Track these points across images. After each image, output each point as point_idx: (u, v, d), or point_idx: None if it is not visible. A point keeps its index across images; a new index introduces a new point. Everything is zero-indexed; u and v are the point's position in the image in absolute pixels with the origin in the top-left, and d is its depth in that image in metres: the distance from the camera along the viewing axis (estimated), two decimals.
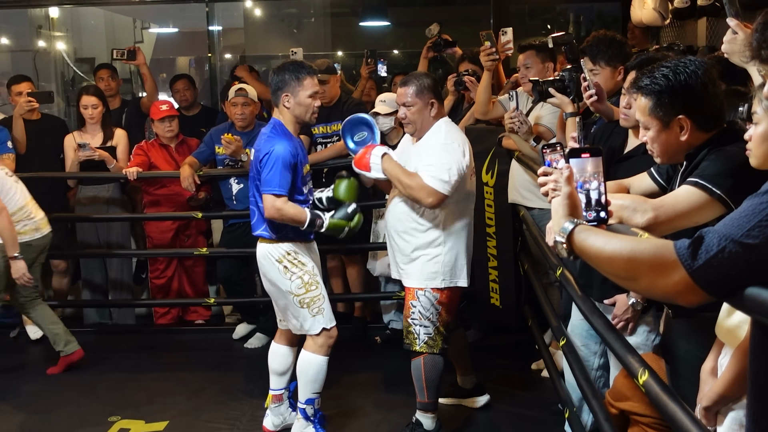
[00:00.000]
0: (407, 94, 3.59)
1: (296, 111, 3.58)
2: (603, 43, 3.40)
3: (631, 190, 2.52)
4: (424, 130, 3.63)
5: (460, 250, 3.64)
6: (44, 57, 8.94)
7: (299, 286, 3.60)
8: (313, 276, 3.65)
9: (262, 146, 3.55)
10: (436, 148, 3.53)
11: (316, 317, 3.63)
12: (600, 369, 3.24)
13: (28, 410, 4.33)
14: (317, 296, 3.63)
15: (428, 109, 3.60)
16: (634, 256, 1.47)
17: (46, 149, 5.43)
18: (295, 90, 3.54)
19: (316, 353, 3.66)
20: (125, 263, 5.81)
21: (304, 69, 3.57)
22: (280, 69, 3.58)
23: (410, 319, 3.65)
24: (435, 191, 3.44)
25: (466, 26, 8.45)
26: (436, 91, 3.64)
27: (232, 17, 9.30)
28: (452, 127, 3.70)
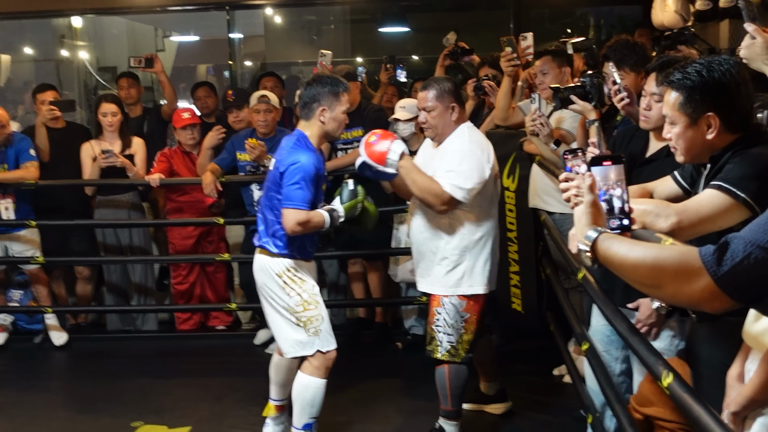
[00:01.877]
0: (428, 98, 3.56)
1: (330, 126, 3.51)
2: (627, 48, 3.38)
3: (655, 194, 2.50)
4: (445, 134, 3.59)
5: (486, 256, 3.61)
6: (67, 66, 9.05)
7: (298, 303, 3.51)
8: (313, 295, 3.55)
9: (284, 157, 3.45)
10: (459, 153, 3.49)
11: (311, 337, 3.51)
12: (622, 375, 3.21)
13: (52, 416, 4.37)
14: (315, 316, 3.52)
15: (449, 113, 3.56)
16: (658, 264, 1.46)
17: (70, 157, 5.48)
18: (333, 105, 3.48)
19: (313, 375, 3.52)
20: (148, 269, 5.86)
21: (342, 84, 3.52)
22: (317, 82, 3.51)
23: (434, 326, 3.63)
24: (450, 198, 3.41)
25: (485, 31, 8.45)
26: (458, 95, 3.61)
27: (252, 25, 9.36)
28: (475, 132, 3.67)
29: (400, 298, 5.41)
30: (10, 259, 5.48)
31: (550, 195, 4.22)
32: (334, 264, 5.61)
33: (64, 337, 5.56)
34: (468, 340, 3.62)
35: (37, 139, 5.38)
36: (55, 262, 5.68)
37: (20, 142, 5.27)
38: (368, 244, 5.08)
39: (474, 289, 3.59)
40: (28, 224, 5.31)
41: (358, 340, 5.42)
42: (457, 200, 3.42)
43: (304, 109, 3.53)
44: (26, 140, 5.31)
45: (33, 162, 5.24)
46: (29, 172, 5.20)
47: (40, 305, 5.55)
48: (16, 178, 5.18)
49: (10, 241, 5.41)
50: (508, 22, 6.65)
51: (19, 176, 5.18)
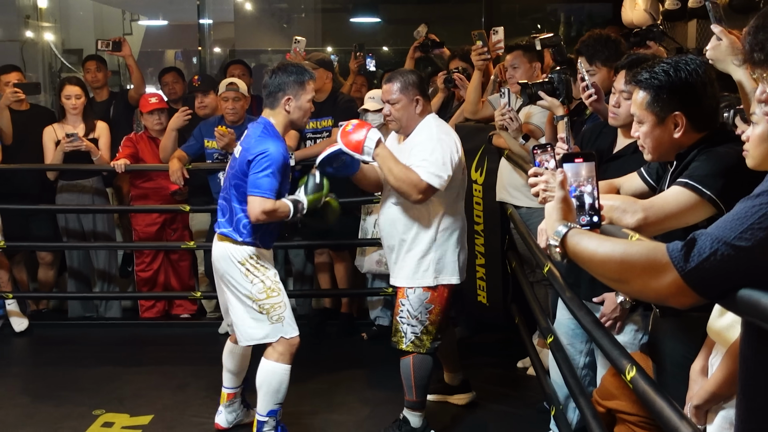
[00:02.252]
0: (392, 91, 3.56)
1: (295, 115, 3.50)
2: (600, 43, 3.38)
3: (621, 190, 2.53)
4: (410, 127, 3.60)
5: (452, 247, 3.62)
6: (32, 47, 8.88)
7: (260, 291, 3.49)
8: (275, 282, 3.55)
9: (252, 145, 3.42)
10: (429, 143, 3.50)
11: (275, 324, 3.51)
12: (586, 368, 3.25)
13: (12, 403, 4.30)
14: (278, 303, 3.52)
15: (413, 106, 3.56)
16: (626, 259, 1.48)
17: (33, 140, 5.37)
18: (298, 93, 3.46)
19: (278, 361, 3.52)
20: (112, 256, 5.79)
21: (307, 73, 3.50)
22: (282, 70, 3.48)
23: (398, 317, 3.64)
24: (428, 187, 3.41)
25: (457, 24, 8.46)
26: (422, 87, 3.61)
27: (222, 11, 9.27)
28: (442, 123, 3.69)
29: (366, 289, 5.41)
30: None
31: (517, 189, 4.25)
32: (301, 254, 5.59)
33: (24, 324, 5.47)
34: (432, 331, 3.63)
35: (0, 122, 5.27)
36: (16, 247, 5.59)
37: None
38: (335, 235, 5.07)
39: (438, 281, 3.60)
40: None
41: (324, 330, 5.42)
42: (434, 189, 3.43)
43: (269, 98, 3.50)
44: None
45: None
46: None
47: (1, 291, 5.45)
48: None
49: None
50: (479, 16, 6.68)
51: None
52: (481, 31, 4.49)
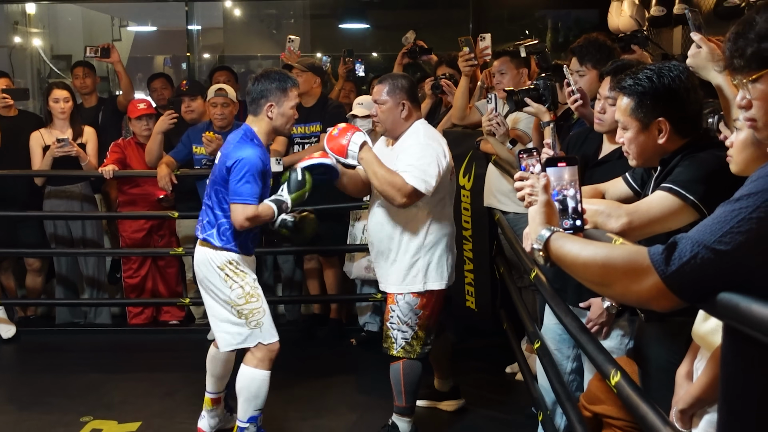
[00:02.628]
0: (380, 92, 3.58)
1: (278, 122, 3.50)
2: (593, 45, 3.40)
3: (607, 195, 2.55)
4: (395, 130, 3.61)
5: (441, 253, 3.62)
6: (20, 53, 8.86)
7: (239, 296, 3.50)
8: (254, 288, 3.55)
9: (230, 152, 3.43)
10: (417, 148, 3.51)
11: (253, 330, 3.51)
12: (573, 373, 3.26)
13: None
14: (257, 309, 3.52)
15: (398, 109, 3.56)
16: (608, 262, 1.49)
17: (21, 146, 5.36)
18: (281, 100, 3.47)
19: (257, 368, 3.53)
20: (101, 262, 5.77)
21: (290, 80, 3.51)
22: (265, 77, 3.49)
23: (389, 323, 3.64)
24: (413, 191, 3.41)
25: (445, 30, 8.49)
26: (411, 93, 3.61)
27: (211, 17, 9.27)
28: (430, 128, 3.69)
29: (355, 295, 5.42)
30: None
31: (504, 195, 4.27)
32: (290, 259, 5.59)
33: (12, 330, 5.45)
34: (422, 336, 3.64)
35: None
36: (4, 254, 5.56)
37: None
38: (324, 241, 5.08)
39: (428, 286, 3.61)
40: None
41: (313, 335, 5.42)
42: (419, 194, 3.43)
43: (252, 105, 3.51)
44: None
45: None
46: None
47: None
48: None
49: None
50: (467, 22, 6.69)
51: None
52: (468, 38, 4.51)
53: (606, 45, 3.42)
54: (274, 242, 5.26)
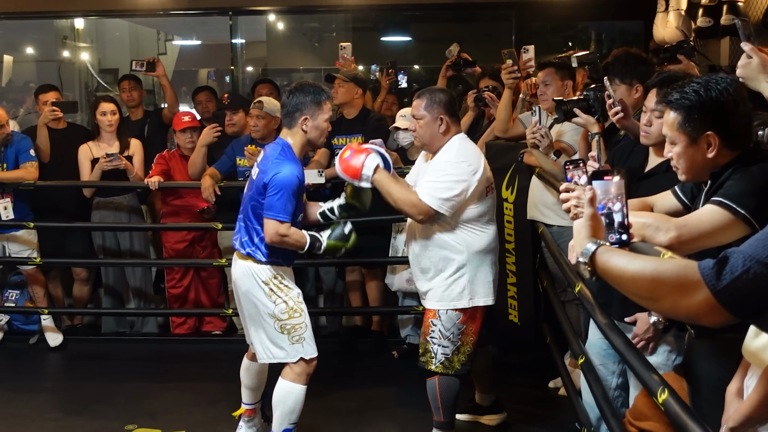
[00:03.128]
0: (417, 107, 3.57)
1: (312, 134, 3.51)
2: (619, 60, 3.42)
3: (655, 208, 2.51)
4: (433, 145, 3.57)
5: (483, 269, 3.58)
6: (69, 67, 9.06)
7: (283, 311, 3.49)
8: (298, 303, 3.54)
9: (269, 167, 3.43)
10: (442, 164, 3.49)
11: (295, 345, 3.51)
12: (618, 389, 3.21)
13: (46, 416, 4.36)
14: (300, 324, 3.52)
15: (436, 124, 3.53)
16: (657, 277, 1.47)
17: (70, 158, 5.48)
18: (315, 113, 3.47)
19: (294, 382, 3.52)
20: (147, 273, 5.85)
21: (324, 93, 3.52)
22: (299, 90, 3.50)
23: (429, 337, 3.60)
24: (426, 208, 3.39)
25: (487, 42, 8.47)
26: (449, 107, 3.57)
27: (254, 30, 9.38)
28: (466, 145, 3.61)
29: (396, 307, 5.41)
30: (8, 260, 5.47)
31: (548, 207, 4.23)
32: (332, 271, 5.61)
33: (59, 339, 5.55)
34: (466, 352, 3.59)
35: (38, 140, 5.38)
36: (52, 263, 5.68)
37: (20, 142, 5.28)
38: (367, 253, 5.08)
39: (473, 302, 3.56)
40: (25, 225, 5.30)
41: (354, 347, 5.43)
42: (434, 210, 3.40)
43: (287, 118, 3.53)
44: (26, 140, 5.31)
45: (32, 162, 5.25)
46: (28, 173, 5.20)
47: (37, 306, 5.55)
48: (15, 178, 5.18)
49: (7, 241, 5.41)
50: (509, 34, 6.68)
51: (18, 176, 5.18)
52: (512, 50, 4.49)
53: (632, 57, 3.42)
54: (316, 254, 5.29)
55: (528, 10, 6.44)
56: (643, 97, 3.42)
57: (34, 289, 5.56)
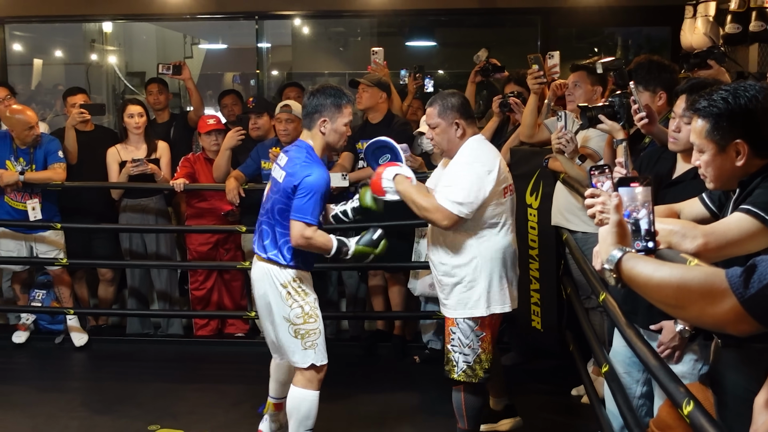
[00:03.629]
0: (431, 115, 3.52)
1: (330, 137, 3.50)
2: (642, 67, 3.41)
3: (682, 215, 2.49)
4: (452, 150, 3.53)
5: (500, 275, 3.51)
6: (96, 70, 9.17)
7: (298, 315, 3.49)
8: (314, 308, 3.54)
9: (297, 171, 3.42)
10: (457, 168, 3.45)
11: (307, 351, 3.51)
12: (642, 397, 3.18)
13: (71, 415, 4.41)
14: (314, 330, 3.51)
15: (453, 129, 3.48)
16: (683, 284, 1.46)
17: (97, 160, 5.54)
18: (334, 116, 3.47)
19: (306, 388, 3.53)
20: (172, 275, 5.89)
21: (345, 96, 3.51)
22: (320, 92, 3.49)
23: (450, 346, 3.56)
24: (449, 213, 3.34)
25: (513, 48, 8.46)
26: (464, 110, 3.51)
27: (280, 35, 9.43)
28: (481, 146, 3.55)
29: (419, 312, 5.40)
30: (35, 260, 5.53)
31: (572, 213, 4.21)
32: (354, 275, 5.61)
33: (84, 339, 5.61)
34: (486, 359, 3.56)
35: (66, 142, 5.45)
36: (78, 264, 5.74)
37: (49, 144, 5.35)
38: (389, 257, 5.07)
39: (490, 310, 3.51)
40: (53, 226, 5.37)
41: (376, 352, 5.42)
42: (455, 215, 3.35)
43: (306, 119, 3.53)
44: (55, 141, 5.38)
45: (61, 163, 5.31)
46: (56, 173, 5.27)
47: (63, 306, 5.61)
48: (43, 179, 5.25)
49: (35, 242, 5.48)
50: (535, 40, 6.65)
51: (46, 177, 5.25)
52: (537, 55, 4.47)
53: (654, 64, 3.42)
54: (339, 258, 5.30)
55: (554, 16, 6.41)
56: (666, 104, 3.42)
57: (60, 290, 5.62)
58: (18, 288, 5.79)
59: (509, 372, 4.99)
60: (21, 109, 5.28)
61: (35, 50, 8.91)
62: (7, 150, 5.30)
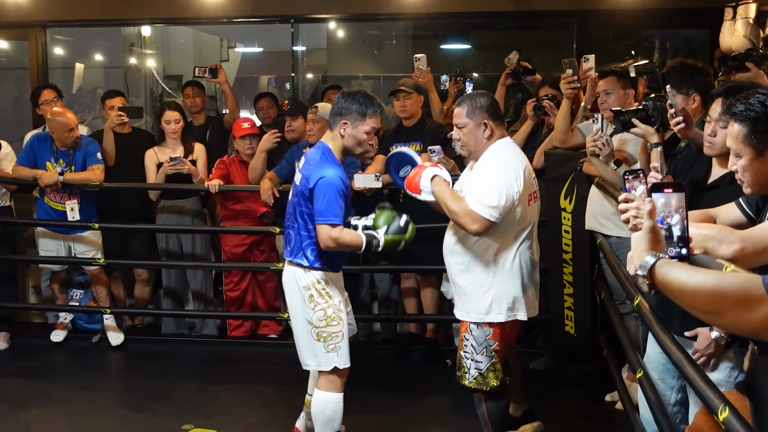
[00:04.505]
0: (459, 115, 3.48)
1: (348, 142, 3.48)
2: (675, 71, 3.39)
3: (718, 220, 2.45)
4: (478, 152, 3.49)
5: (517, 282, 3.45)
6: (135, 73, 9.29)
7: (320, 318, 3.48)
8: (338, 311, 3.51)
9: (312, 172, 3.41)
10: (486, 171, 3.39)
11: (329, 354, 3.50)
12: (677, 404, 3.13)
13: (107, 413, 4.47)
14: (337, 332, 3.50)
15: (480, 130, 3.45)
16: (719, 290, 1.44)
17: (134, 162, 5.63)
18: (356, 122, 3.45)
19: (330, 391, 3.53)
20: (208, 276, 5.95)
21: (373, 106, 3.48)
22: (350, 96, 3.49)
23: (462, 351, 3.52)
24: (480, 217, 3.27)
25: (548, 51, 8.41)
26: (492, 111, 3.47)
27: (315, 38, 9.48)
28: (509, 149, 3.51)
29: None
30: (73, 260, 5.63)
31: (606, 218, 4.17)
32: (386, 278, 5.62)
33: (120, 338, 5.69)
34: (499, 369, 3.49)
35: (104, 143, 5.54)
36: (115, 264, 5.83)
37: (88, 146, 5.44)
38: (422, 260, 5.08)
39: (503, 317, 3.44)
40: (91, 226, 5.46)
41: (408, 355, 5.42)
42: (486, 219, 3.29)
43: (331, 119, 3.53)
44: (94, 143, 5.48)
45: (99, 165, 5.40)
46: (95, 175, 5.35)
47: (100, 306, 5.70)
48: (82, 180, 5.34)
49: (73, 242, 5.58)
50: (571, 42, 6.60)
51: (85, 178, 5.34)
52: (572, 59, 4.43)
53: (688, 67, 3.39)
54: (372, 260, 5.31)
55: (590, 18, 6.36)
56: (701, 107, 3.39)
57: (98, 289, 5.71)
58: (57, 287, 5.90)
59: (542, 377, 4.97)
60: (61, 111, 5.38)
61: (76, 54, 9.05)
62: (48, 151, 5.41)
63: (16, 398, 4.70)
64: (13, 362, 5.43)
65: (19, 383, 4.98)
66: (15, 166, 5.47)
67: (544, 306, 4.99)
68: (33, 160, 5.42)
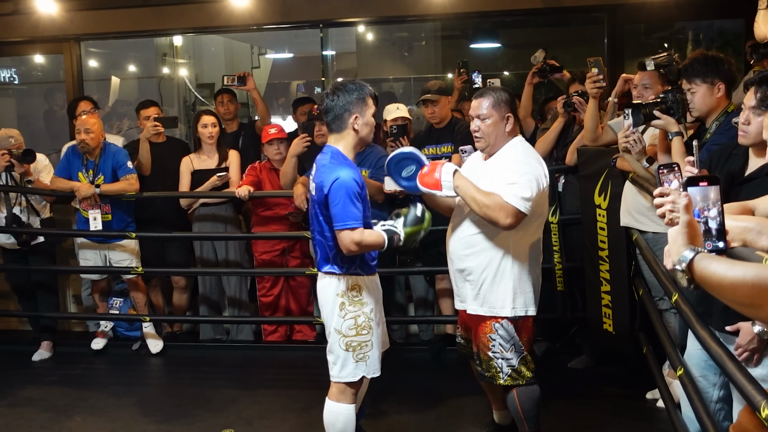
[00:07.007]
0: (482, 106, 3.45)
1: (363, 132, 3.37)
2: (698, 61, 3.43)
3: (756, 212, 2.41)
4: (497, 146, 3.47)
5: (535, 274, 3.50)
6: (168, 83, 9.41)
7: (350, 327, 3.38)
8: (369, 320, 3.41)
9: (324, 178, 3.30)
10: (518, 165, 3.37)
11: (358, 363, 3.41)
12: (720, 401, 3.08)
13: (148, 420, 4.53)
14: (366, 341, 3.40)
15: (503, 123, 3.44)
16: (759, 283, 1.42)
17: (169, 170, 5.70)
18: (363, 110, 3.34)
19: (341, 402, 3.45)
20: (242, 282, 5.99)
21: (365, 88, 3.38)
22: (341, 90, 3.35)
23: (491, 352, 3.48)
24: (515, 211, 3.25)
25: (579, 47, 8.33)
26: (513, 106, 3.50)
27: (344, 42, 9.50)
28: (528, 146, 3.55)
29: None
30: (113, 269, 5.71)
31: (642, 214, 4.11)
32: (422, 279, 5.61)
33: (160, 345, 5.76)
34: (530, 359, 3.51)
35: (140, 154, 5.62)
36: (153, 273, 5.90)
37: (116, 155, 5.49)
38: None
39: (532, 311, 3.48)
40: (128, 235, 5.53)
41: (445, 356, 5.41)
42: (521, 213, 3.27)
43: (336, 121, 3.36)
44: (121, 152, 5.53)
45: (133, 174, 5.46)
46: (131, 185, 5.42)
47: (139, 314, 5.77)
48: (118, 190, 5.41)
49: (109, 251, 5.66)
50: (602, 38, 6.53)
51: (121, 188, 5.41)
52: (597, 58, 4.36)
53: (710, 57, 3.43)
54: (407, 262, 5.31)
55: (620, 12, 6.29)
56: (725, 96, 3.40)
57: (136, 297, 5.79)
58: (97, 296, 5.99)
59: (581, 376, 4.93)
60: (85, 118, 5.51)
61: (110, 65, 9.18)
62: (79, 162, 5.50)
63: (60, 406, 4.77)
64: (56, 370, 5.53)
65: (62, 391, 5.06)
66: (53, 177, 5.56)
67: (581, 304, 4.97)
68: (69, 171, 5.52)
